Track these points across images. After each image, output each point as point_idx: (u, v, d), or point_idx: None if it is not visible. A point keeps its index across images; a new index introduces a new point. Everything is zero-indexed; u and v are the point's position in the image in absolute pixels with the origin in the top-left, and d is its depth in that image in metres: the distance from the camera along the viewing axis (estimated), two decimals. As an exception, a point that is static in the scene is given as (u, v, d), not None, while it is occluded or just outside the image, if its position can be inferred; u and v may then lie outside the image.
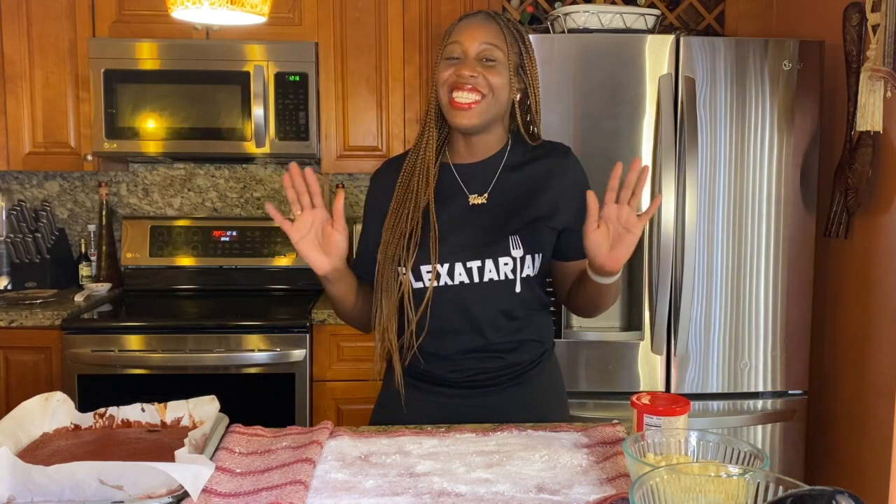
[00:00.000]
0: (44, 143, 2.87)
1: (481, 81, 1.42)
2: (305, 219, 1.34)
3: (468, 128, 1.45)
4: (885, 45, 2.10)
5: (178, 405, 1.30)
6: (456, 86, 1.42)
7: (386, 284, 1.45)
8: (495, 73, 1.43)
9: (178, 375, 2.55)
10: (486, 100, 1.43)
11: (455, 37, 1.45)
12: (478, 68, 1.42)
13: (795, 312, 2.47)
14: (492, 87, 1.43)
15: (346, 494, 1.07)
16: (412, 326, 1.45)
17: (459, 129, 1.46)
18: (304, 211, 1.34)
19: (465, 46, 1.43)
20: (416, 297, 1.45)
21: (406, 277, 1.43)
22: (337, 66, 2.89)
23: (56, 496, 1.01)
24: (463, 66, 1.42)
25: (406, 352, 1.48)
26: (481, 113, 1.43)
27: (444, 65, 1.45)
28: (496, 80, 1.43)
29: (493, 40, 1.43)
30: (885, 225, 2.24)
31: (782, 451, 2.50)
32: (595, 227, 1.33)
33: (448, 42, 1.46)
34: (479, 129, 1.46)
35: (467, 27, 1.45)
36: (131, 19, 2.83)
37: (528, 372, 1.52)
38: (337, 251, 1.36)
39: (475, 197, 1.49)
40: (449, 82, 1.43)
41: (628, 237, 1.33)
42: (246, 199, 3.26)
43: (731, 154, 2.42)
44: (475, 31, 1.44)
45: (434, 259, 1.43)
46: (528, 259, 1.45)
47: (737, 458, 1.04)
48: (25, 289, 2.97)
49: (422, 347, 1.47)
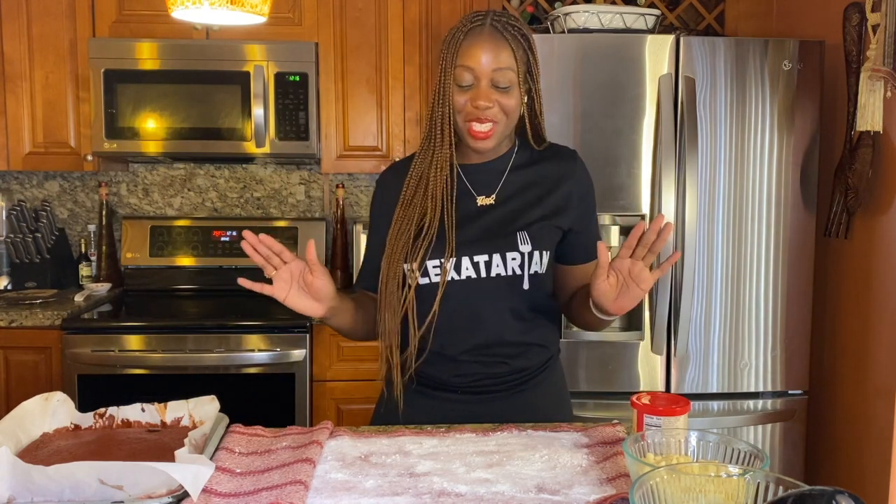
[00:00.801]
0: (44, 143, 2.87)
1: (496, 111, 1.41)
2: (283, 275, 1.33)
3: (486, 151, 1.47)
4: (885, 45, 2.10)
5: (178, 405, 1.30)
6: (473, 117, 1.41)
7: (390, 298, 1.43)
8: (509, 97, 1.42)
9: (178, 375, 2.55)
10: (500, 124, 1.43)
11: (464, 61, 1.40)
12: (493, 97, 1.40)
13: (795, 312, 2.47)
14: (506, 112, 1.42)
15: (346, 494, 1.07)
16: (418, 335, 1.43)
17: (477, 151, 1.47)
18: (279, 269, 1.33)
19: (477, 73, 1.40)
20: (423, 294, 1.43)
21: (413, 276, 1.42)
22: (337, 66, 2.89)
23: (56, 496, 1.01)
24: (477, 95, 1.40)
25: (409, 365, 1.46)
26: (498, 136, 1.44)
27: (457, 91, 1.42)
28: (510, 103, 1.42)
29: (504, 64, 1.40)
30: (885, 225, 2.24)
31: (782, 451, 2.50)
32: (604, 277, 1.31)
33: (457, 65, 1.41)
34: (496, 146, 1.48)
35: (477, 50, 1.40)
36: (131, 19, 2.83)
37: (533, 378, 1.51)
38: (325, 294, 1.35)
39: (483, 198, 1.49)
40: (465, 111, 1.42)
41: (636, 290, 1.32)
42: (246, 199, 3.26)
43: (731, 154, 2.42)
44: (485, 55, 1.39)
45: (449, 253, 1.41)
46: (535, 255, 1.45)
47: (737, 458, 1.03)
48: (25, 289, 2.97)
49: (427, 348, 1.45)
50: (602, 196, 2.37)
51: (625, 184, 2.40)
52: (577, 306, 1.52)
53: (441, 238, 1.42)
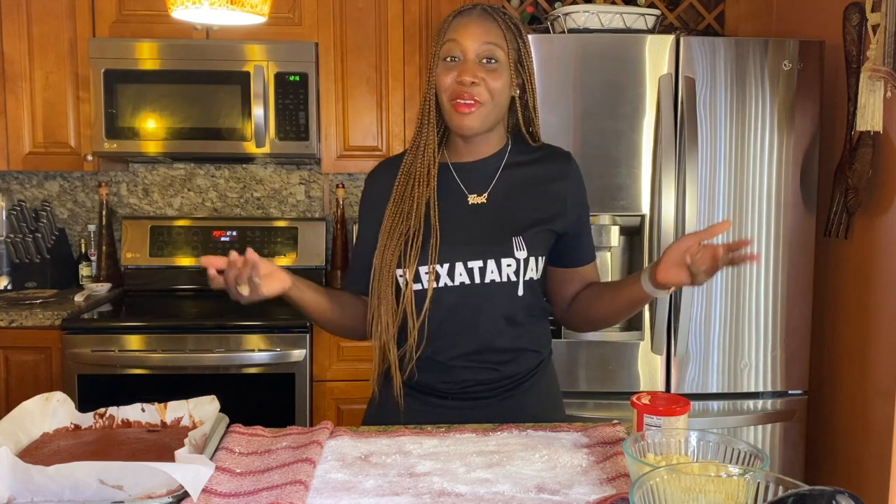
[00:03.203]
0: (44, 143, 2.87)
1: (482, 90, 1.39)
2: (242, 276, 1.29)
3: (470, 132, 1.43)
4: (885, 45, 2.10)
5: (178, 405, 1.30)
6: (458, 94, 1.39)
7: (384, 294, 1.41)
8: (496, 77, 1.39)
9: (178, 375, 2.55)
10: (486, 105, 1.40)
11: (452, 35, 1.40)
12: (479, 73, 1.38)
13: (795, 312, 2.47)
14: (492, 93, 1.40)
15: (346, 494, 1.07)
16: (414, 334, 1.41)
17: (461, 133, 1.43)
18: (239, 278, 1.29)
19: (463, 46, 1.39)
20: (415, 300, 1.41)
21: (407, 279, 1.40)
22: (337, 66, 2.89)
23: (56, 496, 1.01)
24: (464, 70, 1.38)
25: (406, 364, 1.44)
26: (483, 117, 1.41)
27: (443, 67, 1.40)
28: (496, 85, 1.40)
29: (493, 39, 1.39)
30: (885, 225, 2.24)
31: (782, 451, 2.50)
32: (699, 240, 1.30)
33: (445, 40, 1.40)
34: (481, 132, 1.44)
35: (465, 25, 1.40)
36: (131, 19, 2.83)
37: (523, 384, 1.48)
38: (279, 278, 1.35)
39: (474, 196, 1.46)
40: (451, 89, 1.40)
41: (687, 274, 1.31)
42: (246, 199, 3.26)
43: (731, 154, 2.42)
44: (474, 29, 1.39)
45: (433, 259, 1.39)
46: (531, 261, 1.43)
47: (737, 458, 1.03)
48: (25, 289, 2.97)
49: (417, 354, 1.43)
50: (602, 196, 2.38)
51: (625, 184, 2.40)
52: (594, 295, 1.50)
53: (431, 241, 1.40)
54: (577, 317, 1.56)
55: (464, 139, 1.47)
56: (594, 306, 1.51)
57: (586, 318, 1.55)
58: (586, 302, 1.53)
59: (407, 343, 1.43)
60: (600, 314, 1.52)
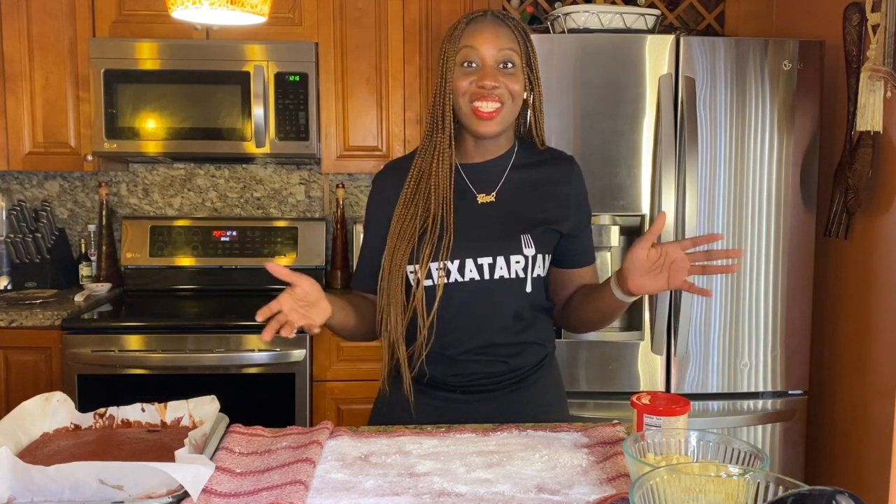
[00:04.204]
0: (44, 143, 2.87)
1: (503, 91, 1.42)
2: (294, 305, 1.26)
3: (490, 135, 1.46)
4: (885, 45, 2.10)
5: (178, 405, 1.30)
6: (478, 96, 1.42)
7: (393, 293, 1.43)
8: (514, 80, 1.43)
9: (178, 375, 2.55)
10: (506, 107, 1.44)
11: (469, 41, 1.43)
12: (499, 77, 1.42)
13: (795, 312, 2.47)
14: (512, 94, 1.44)
15: (346, 494, 1.07)
16: (424, 331, 1.43)
17: (481, 136, 1.46)
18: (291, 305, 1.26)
19: (482, 53, 1.42)
20: (426, 296, 1.43)
21: (419, 276, 1.42)
22: (337, 66, 2.89)
23: (56, 496, 1.01)
24: (484, 75, 1.41)
25: (415, 360, 1.46)
26: (503, 120, 1.45)
27: (461, 72, 1.43)
28: (516, 87, 1.44)
29: (508, 45, 1.43)
30: (885, 225, 2.24)
31: (782, 451, 2.50)
32: (647, 246, 1.32)
33: (461, 46, 1.43)
34: (499, 134, 1.47)
35: (480, 31, 1.43)
36: (131, 19, 2.83)
37: (530, 377, 1.51)
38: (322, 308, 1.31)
39: (483, 196, 1.49)
40: (470, 92, 1.42)
41: (663, 280, 1.33)
42: (246, 199, 3.26)
43: (731, 154, 2.42)
44: (490, 35, 1.43)
45: (444, 256, 1.41)
46: (539, 258, 1.45)
47: (737, 458, 1.03)
48: (25, 289, 2.97)
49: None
50: (602, 196, 2.38)
51: (625, 184, 2.40)
52: (581, 298, 1.52)
53: (444, 239, 1.42)
54: (568, 318, 1.59)
55: (477, 141, 1.49)
56: (581, 309, 1.54)
57: (577, 320, 1.58)
58: (576, 304, 1.56)
59: (416, 340, 1.44)
60: (587, 317, 1.54)
